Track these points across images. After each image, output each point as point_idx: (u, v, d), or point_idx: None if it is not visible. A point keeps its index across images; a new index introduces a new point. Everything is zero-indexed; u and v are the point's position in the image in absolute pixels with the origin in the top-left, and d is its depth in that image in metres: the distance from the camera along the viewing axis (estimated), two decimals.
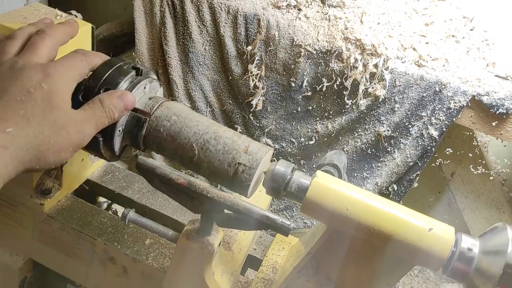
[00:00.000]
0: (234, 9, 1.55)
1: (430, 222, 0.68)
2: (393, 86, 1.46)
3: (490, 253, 0.65)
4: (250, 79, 1.58)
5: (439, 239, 0.66)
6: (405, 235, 0.66)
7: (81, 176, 1.00)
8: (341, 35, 1.50)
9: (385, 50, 1.46)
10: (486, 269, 0.64)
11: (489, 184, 1.65)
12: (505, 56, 1.54)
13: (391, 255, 0.69)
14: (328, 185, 0.70)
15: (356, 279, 0.76)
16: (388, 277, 0.73)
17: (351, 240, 0.70)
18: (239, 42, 1.57)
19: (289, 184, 0.71)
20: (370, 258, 0.71)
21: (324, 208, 0.68)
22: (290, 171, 0.71)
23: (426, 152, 1.52)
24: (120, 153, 0.75)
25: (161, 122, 0.72)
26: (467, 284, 0.68)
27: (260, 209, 0.72)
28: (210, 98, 1.70)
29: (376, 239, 0.67)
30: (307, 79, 1.54)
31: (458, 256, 0.67)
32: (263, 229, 0.76)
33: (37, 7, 0.89)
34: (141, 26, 1.67)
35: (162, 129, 0.72)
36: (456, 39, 1.57)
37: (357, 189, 0.71)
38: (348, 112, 1.54)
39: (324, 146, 1.64)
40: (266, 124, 1.66)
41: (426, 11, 1.66)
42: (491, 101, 1.38)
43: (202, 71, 1.66)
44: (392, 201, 0.71)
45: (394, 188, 1.61)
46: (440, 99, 1.44)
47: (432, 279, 1.82)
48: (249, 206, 0.72)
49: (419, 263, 0.69)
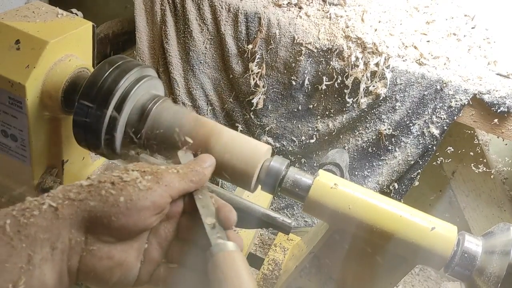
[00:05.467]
0: (234, 7, 1.55)
1: (432, 221, 0.68)
2: (394, 84, 1.46)
3: (493, 253, 0.65)
4: (251, 77, 1.58)
5: (441, 238, 0.66)
6: (407, 234, 0.66)
7: (82, 175, 1.00)
8: (342, 33, 1.50)
9: (386, 48, 1.46)
10: (489, 269, 0.64)
11: (490, 183, 1.64)
12: (507, 54, 1.53)
13: (393, 254, 0.69)
14: (330, 184, 0.70)
15: (358, 278, 0.76)
16: (390, 276, 0.73)
17: (353, 239, 0.70)
18: (239, 40, 1.57)
19: (284, 180, 0.71)
20: (372, 257, 0.71)
21: (326, 207, 0.68)
22: (285, 167, 0.71)
23: (427, 151, 1.52)
24: (121, 151, 0.75)
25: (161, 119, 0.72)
26: (469, 284, 0.68)
27: (261, 208, 0.72)
28: (210, 97, 1.69)
29: (378, 238, 0.67)
30: (308, 78, 1.54)
31: (461, 255, 0.66)
32: (264, 227, 0.75)
33: (37, 6, 0.89)
34: (141, 25, 1.67)
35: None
36: (457, 37, 1.57)
37: (359, 188, 0.71)
38: (349, 110, 1.54)
39: (325, 144, 1.64)
40: (267, 122, 1.65)
41: (427, 9, 1.66)
42: (492, 100, 1.38)
43: (202, 69, 1.65)
44: (394, 200, 0.71)
45: (395, 187, 1.61)
46: (441, 98, 1.44)
47: (433, 278, 1.82)
48: (249, 205, 0.72)
49: (421, 262, 0.69)
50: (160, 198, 0.54)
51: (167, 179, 0.56)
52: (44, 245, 0.49)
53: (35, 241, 0.48)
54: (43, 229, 0.49)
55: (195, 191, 0.60)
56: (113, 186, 0.53)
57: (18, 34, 0.79)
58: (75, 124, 0.73)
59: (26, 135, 0.82)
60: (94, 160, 1.03)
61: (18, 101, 0.79)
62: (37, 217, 0.49)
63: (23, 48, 0.78)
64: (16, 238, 0.48)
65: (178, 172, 0.58)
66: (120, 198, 0.52)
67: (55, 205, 0.51)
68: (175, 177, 0.57)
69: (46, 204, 0.51)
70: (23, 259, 0.47)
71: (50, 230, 0.50)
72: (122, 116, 0.72)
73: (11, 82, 0.77)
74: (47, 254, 0.49)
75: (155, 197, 0.54)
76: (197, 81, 1.66)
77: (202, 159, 0.63)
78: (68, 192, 0.52)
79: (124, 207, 0.52)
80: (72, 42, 0.84)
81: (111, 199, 0.52)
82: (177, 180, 0.57)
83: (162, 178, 0.55)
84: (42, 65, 0.78)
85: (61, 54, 0.82)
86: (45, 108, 0.82)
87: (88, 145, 0.75)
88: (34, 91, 0.79)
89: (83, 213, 0.51)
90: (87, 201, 0.52)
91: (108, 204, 0.52)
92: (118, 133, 0.72)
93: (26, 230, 0.48)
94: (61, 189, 0.53)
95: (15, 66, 0.77)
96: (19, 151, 0.85)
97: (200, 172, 0.60)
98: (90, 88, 0.71)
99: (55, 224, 0.50)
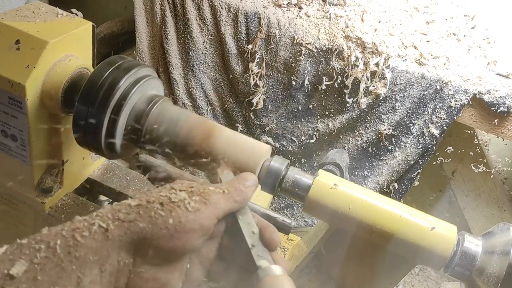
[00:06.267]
0: (234, 7, 1.55)
1: (432, 221, 0.68)
2: (394, 84, 1.46)
3: (493, 253, 0.65)
4: (251, 77, 1.58)
5: (441, 238, 0.66)
6: (407, 234, 0.66)
7: (82, 175, 1.00)
8: (342, 33, 1.50)
9: (386, 48, 1.46)
10: (489, 269, 0.64)
11: (490, 183, 1.64)
12: (506, 54, 1.54)
13: (393, 254, 0.69)
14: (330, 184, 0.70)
15: (358, 278, 0.76)
16: (390, 276, 0.73)
17: (353, 239, 0.70)
18: (239, 40, 1.57)
19: (284, 180, 0.70)
20: (372, 257, 0.71)
21: (326, 207, 0.68)
22: (285, 167, 0.71)
23: (427, 151, 1.52)
24: (121, 151, 0.75)
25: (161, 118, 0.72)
26: (469, 284, 0.68)
27: (261, 208, 0.72)
28: (210, 97, 1.69)
29: (378, 238, 0.67)
30: (308, 78, 1.54)
31: (461, 255, 0.66)
32: None
33: (37, 6, 0.89)
34: (141, 25, 1.67)
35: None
36: (457, 37, 1.57)
37: (359, 188, 0.71)
38: (349, 110, 1.54)
39: (325, 144, 1.64)
40: (267, 122, 1.65)
41: (427, 9, 1.66)
42: (492, 100, 1.38)
43: (202, 69, 1.65)
44: (394, 200, 0.71)
45: (395, 187, 1.61)
46: (441, 98, 1.44)
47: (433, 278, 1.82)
48: (249, 205, 0.72)
49: (421, 262, 0.69)
50: (207, 220, 0.54)
51: (213, 200, 0.55)
52: (93, 267, 0.48)
53: (84, 263, 0.48)
54: (93, 251, 0.48)
55: (238, 210, 0.59)
56: (162, 207, 0.52)
57: (18, 34, 0.79)
58: (75, 124, 0.73)
59: (26, 135, 0.82)
60: (94, 160, 1.03)
61: (18, 101, 0.79)
62: (87, 238, 0.49)
63: (23, 48, 0.78)
64: (66, 260, 0.47)
65: (224, 193, 0.57)
66: (169, 220, 0.51)
67: (105, 226, 0.50)
68: (221, 197, 0.56)
69: (96, 225, 0.50)
70: (73, 282, 0.47)
71: (100, 251, 0.49)
72: (121, 116, 0.72)
73: (11, 82, 0.77)
74: (96, 277, 0.49)
75: (203, 219, 0.53)
76: (197, 81, 1.66)
77: (244, 178, 0.62)
78: (118, 213, 0.51)
79: (173, 229, 0.51)
80: (72, 42, 0.84)
81: (160, 220, 0.51)
82: (223, 201, 0.56)
83: (209, 199, 0.55)
84: (42, 65, 0.78)
85: (61, 54, 0.82)
86: (45, 108, 0.82)
87: (88, 145, 0.75)
88: (34, 91, 0.78)
89: (132, 234, 0.50)
90: (137, 222, 0.51)
91: (158, 226, 0.51)
92: (118, 134, 0.71)
93: (76, 252, 0.48)
94: (110, 209, 0.52)
95: (15, 66, 0.77)
96: (19, 151, 0.85)
97: (244, 191, 0.60)
98: (90, 88, 0.71)
99: (104, 246, 0.49)
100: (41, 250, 0.46)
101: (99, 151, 0.73)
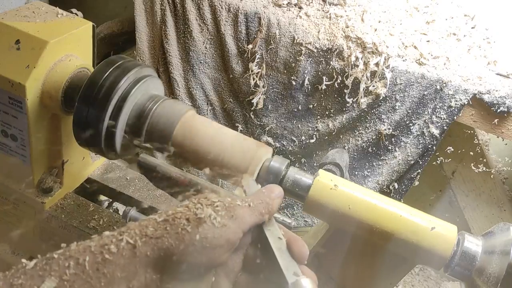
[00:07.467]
0: (234, 7, 1.55)
1: (432, 221, 0.68)
2: (394, 84, 1.46)
3: (493, 252, 0.65)
4: (251, 77, 1.58)
5: (441, 238, 0.66)
6: (407, 234, 0.66)
7: (82, 175, 1.00)
8: (342, 33, 1.50)
9: (386, 48, 1.46)
10: (489, 268, 0.64)
11: (490, 183, 1.64)
12: (507, 54, 1.54)
13: (393, 254, 0.69)
14: (330, 184, 0.70)
15: (358, 278, 0.76)
16: (390, 276, 0.73)
17: (353, 239, 0.70)
18: (239, 40, 1.57)
19: (284, 179, 0.70)
20: (372, 257, 0.71)
21: (326, 207, 0.68)
22: (285, 167, 0.71)
23: (427, 151, 1.52)
24: (121, 151, 0.75)
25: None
26: (469, 283, 0.68)
27: None
28: (211, 97, 1.69)
29: (378, 238, 0.67)
30: (308, 78, 1.54)
31: (461, 255, 0.66)
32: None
33: (37, 6, 0.89)
34: (141, 25, 1.67)
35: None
36: (457, 37, 1.57)
37: (359, 188, 0.71)
38: (349, 110, 1.54)
39: (325, 144, 1.64)
40: (267, 122, 1.65)
41: (427, 9, 1.66)
42: (492, 100, 1.38)
43: (202, 69, 1.65)
44: (394, 200, 0.71)
45: (395, 187, 1.61)
46: (441, 98, 1.44)
47: (433, 278, 1.82)
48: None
49: (421, 262, 0.69)
50: (233, 235, 0.54)
51: (239, 214, 0.55)
52: (121, 284, 0.48)
53: (112, 280, 0.48)
54: (121, 268, 0.48)
55: (264, 222, 0.59)
56: (188, 223, 0.52)
57: (18, 34, 0.79)
58: (75, 124, 0.73)
59: (26, 135, 0.82)
60: (94, 160, 1.03)
61: (18, 101, 0.79)
62: (115, 255, 0.49)
63: (23, 48, 0.78)
64: (94, 277, 0.47)
65: (250, 206, 0.57)
66: (196, 236, 0.51)
67: (132, 242, 0.50)
68: (247, 211, 0.56)
69: (124, 241, 0.50)
70: None
71: (128, 268, 0.49)
72: (122, 116, 0.72)
73: (11, 82, 0.77)
74: None
75: (229, 235, 0.53)
76: (197, 81, 1.66)
77: (270, 190, 0.61)
78: (145, 229, 0.51)
79: (200, 245, 0.51)
80: (72, 42, 0.84)
81: (187, 237, 0.51)
82: (249, 215, 0.56)
83: (235, 213, 0.54)
84: (42, 65, 0.78)
85: (61, 54, 0.82)
86: (45, 108, 0.82)
87: (88, 145, 0.75)
88: (34, 91, 0.79)
89: (159, 251, 0.50)
90: (164, 239, 0.51)
91: (184, 243, 0.51)
92: (118, 134, 0.72)
93: (104, 268, 0.48)
94: (137, 225, 0.52)
95: (15, 66, 0.77)
96: (19, 151, 0.85)
97: (270, 203, 0.59)
98: (90, 88, 0.71)
99: (132, 262, 0.49)
100: (71, 267, 0.47)
101: (99, 151, 0.73)
